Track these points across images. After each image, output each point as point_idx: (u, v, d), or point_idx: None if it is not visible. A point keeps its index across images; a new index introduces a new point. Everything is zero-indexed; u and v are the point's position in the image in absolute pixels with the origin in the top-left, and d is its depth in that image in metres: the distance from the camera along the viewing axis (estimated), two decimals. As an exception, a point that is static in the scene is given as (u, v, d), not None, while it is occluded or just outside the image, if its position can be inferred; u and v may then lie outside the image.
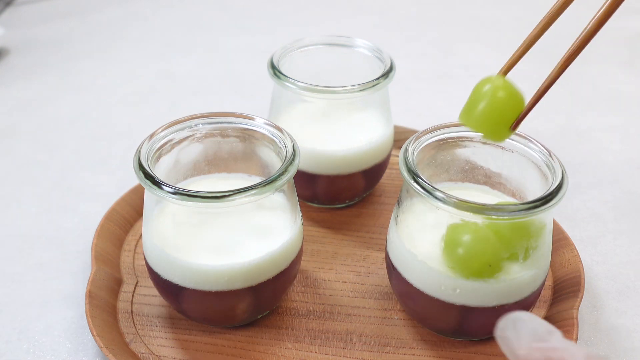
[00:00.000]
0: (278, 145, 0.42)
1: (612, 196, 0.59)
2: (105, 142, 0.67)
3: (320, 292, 0.46)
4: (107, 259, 0.47)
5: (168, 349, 0.41)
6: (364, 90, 0.48)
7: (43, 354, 0.43)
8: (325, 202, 0.54)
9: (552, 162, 0.39)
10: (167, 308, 0.45)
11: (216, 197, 0.36)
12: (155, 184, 0.37)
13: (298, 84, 0.48)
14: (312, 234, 0.52)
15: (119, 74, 0.82)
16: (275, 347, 0.42)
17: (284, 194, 0.42)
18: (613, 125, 0.70)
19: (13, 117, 0.72)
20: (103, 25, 0.96)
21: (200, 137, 0.44)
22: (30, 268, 0.50)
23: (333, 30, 0.93)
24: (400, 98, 0.74)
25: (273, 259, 0.40)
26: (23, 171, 0.62)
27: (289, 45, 0.53)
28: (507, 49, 0.88)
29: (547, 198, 0.36)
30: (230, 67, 0.84)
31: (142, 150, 0.40)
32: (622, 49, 0.61)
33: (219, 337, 0.42)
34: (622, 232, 0.54)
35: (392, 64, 0.51)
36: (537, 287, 0.39)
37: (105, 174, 0.62)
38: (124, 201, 0.52)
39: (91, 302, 0.42)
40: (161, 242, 0.40)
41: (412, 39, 0.93)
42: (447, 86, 0.80)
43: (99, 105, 0.74)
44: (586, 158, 0.64)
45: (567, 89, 0.76)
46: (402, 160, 0.39)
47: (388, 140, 0.53)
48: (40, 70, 0.82)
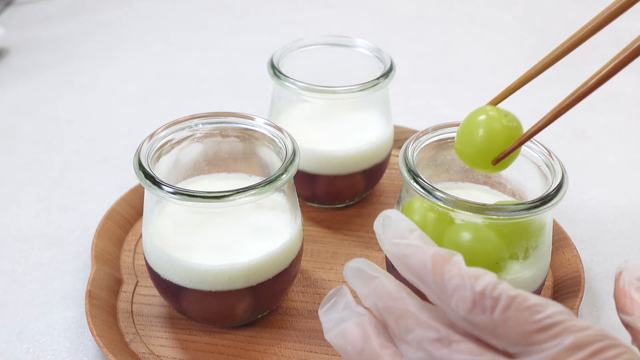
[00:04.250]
0: (278, 145, 0.42)
1: (612, 196, 0.59)
2: (105, 142, 0.67)
3: (320, 292, 0.46)
4: (107, 259, 0.47)
5: (168, 349, 0.41)
6: (364, 90, 0.48)
7: (43, 354, 0.43)
8: (325, 202, 0.54)
9: (552, 162, 0.39)
10: (167, 308, 0.45)
11: (216, 197, 0.36)
12: (155, 184, 0.37)
13: (298, 84, 0.48)
14: (312, 234, 0.52)
15: (119, 74, 0.82)
16: (275, 347, 0.42)
17: (284, 194, 0.42)
18: (613, 125, 0.70)
19: (13, 117, 0.72)
20: (103, 25, 0.96)
21: (200, 137, 0.44)
22: (30, 268, 0.50)
23: (333, 30, 0.93)
24: (400, 98, 0.74)
25: (273, 259, 0.40)
26: (23, 171, 0.62)
27: (289, 45, 0.53)
28: (507, 49, 0.89)
29: (547, 198, 0.36)
30: (230, 67, 0.84)
31: (142, 150, 0.40)
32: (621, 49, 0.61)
33: (219, 337, 0.42)
34: (622, 232, 0.54)
35: (392, 64, 0.51)
36: (537, 286, 0.39)
37: (105, 174, 0.62)
38: (124, 201, 0.52)
39: (91, 302, 0.42)
40: (161, 242, 0.40)
41: (412, 39, 0.93)
42: (447, 86, 0.80)
43: (99, 105, 0.74)
44: (586, 158, 0.64)
45: (567, 89, 0.76)
46: (402, 160, 0.39)
47: (388, 140, 0.53)
48: (40, 70, 0.82)
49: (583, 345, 0.24)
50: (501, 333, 0.25)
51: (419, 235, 0.28)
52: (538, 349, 0.25)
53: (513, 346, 0.26)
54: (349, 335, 0.29)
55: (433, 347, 0.27)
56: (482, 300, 0.25)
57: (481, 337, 0.26)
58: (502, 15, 1.00)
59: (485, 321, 0.26)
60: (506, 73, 0.83)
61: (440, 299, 0.27)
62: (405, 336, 0.28)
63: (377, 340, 0.28)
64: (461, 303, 0.26)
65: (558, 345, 0.24)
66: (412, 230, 0.29)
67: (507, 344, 0.26)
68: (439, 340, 0.27)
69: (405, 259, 0.28)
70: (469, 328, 0.26)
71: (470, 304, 0.26)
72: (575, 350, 0.24)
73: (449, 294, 0.26)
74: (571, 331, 0.25)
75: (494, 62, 0.86)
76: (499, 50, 0.89)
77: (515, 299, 0.25)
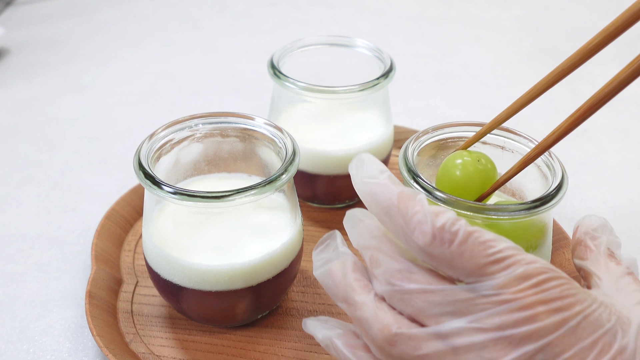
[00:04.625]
0: (278, 145, 0.42)
1: (612, 196, 0.59)
2: (105, 142, 0.67)
3: (320, 292, 0.46)
4: (107, 259, 0.47)
5: (168, 349, 0.41)
6: (364, 90, 0.48)
7: (43, 354, 0.43)
8: (325, 202, 0.54)
9: (552, 162, 0.39)
10: (167, 308, 0.45)
11: (216, 197, 0.36)
12: (155, 184, 0.37)
13: (298, 84, 0.48)
14: (312, 234, 0.52)
15: (119, 74, 0.82)
16: (275, 347, 0.42)
17: (284, 194, 0.42)
18: (613, 125, 0.70)
19: (13, 117, 0.72)
20: (103, 25, 0.96)
21: (200, 137, 0.44)
22: (30, 268, 0.50)
23: (333, 30, 0.93)
24: (400, 98, 0.74)
25: (273, 259, 0.40)
26: (23, 171, 0.62)
27: (289, 45, 0.53)
28: (507, 49, 0.89)
29: (547, 198, 0.36)
30: (230, 67, 0.84)
31: (142, 150, 0.40)
32: (622, 49, 0.61)
33: (219, 337, 0.42)
34: (622, 232, 0.54)
35: (392, 64, 0.51)
36: (537, 287, 0.39)
37: (105, 174, 0.62)
38: (124, 201, 0.52)
39: (91, 302, 0.42)
40: (161, 242, 0.40)
41: (412, 39, 0.93)
42: (447, 86, 0.80)
43: (99, 105, 0.74)
44: (586, 158, 0.64)
45: (567, 89, 0.76)
46: (402, 160, 0.39)
47: (388, 140, 0.53)
48: (40, 70, 0.82)
49: (530, 275, 0.27)
50: (457, 265, 0.28)
51: (387, 176, 0.31)
52: (489, 279, 0.27)
53: (467, 277, 0.28)
54: (332, 272, 0.32)
55: (395, 279, 0.29)
56: (442, 234, 0.28)
57: (438, 269, 0.29)
58: (502, 15, 1.00)
59: (443, 253, 0.28)
60: (506, 73, 0.83)
61: (403, 233, 0.29)
62: (375, 270, 0.30)
63: (352, 275, 0.31)
64: (422, 236, 0.28)
65: (508, 275, 0.27)
66: (382, 172, 0.31)
67: (462, 275, 0.28)
68: (400, 271, 0.29)
69: (374, 196, 0.30)
70: (427, 260, 0.29)
71: (430, 237, 0.28)
72: (523, 280, 0.27)
73: (412, 228, 0.28)
74: (521, 264, 0.27)
75: (494, 62, 0.86)
76: (499, 50, 0.89)
77: (472, 234, 0.28)
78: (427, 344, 0.28)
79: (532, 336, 0.26)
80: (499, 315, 0.27)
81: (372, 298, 0.30)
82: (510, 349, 0.27)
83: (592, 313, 0.27)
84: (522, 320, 0.27)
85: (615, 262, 0.33)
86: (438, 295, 0.28)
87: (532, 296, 0.27)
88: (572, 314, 0.27)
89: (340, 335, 0.32)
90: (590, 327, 0.27)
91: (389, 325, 0.29)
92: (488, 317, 0.27)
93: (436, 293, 0.28)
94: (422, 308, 0.29)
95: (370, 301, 0.30)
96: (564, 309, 0.27)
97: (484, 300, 0.27)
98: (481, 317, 0.27)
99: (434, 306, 0.28)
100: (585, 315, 0.27)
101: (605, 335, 0.27)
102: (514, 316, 0.27)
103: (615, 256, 0.34)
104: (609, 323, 0.27)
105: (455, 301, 0.28)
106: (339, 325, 0.33)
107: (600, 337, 0.27)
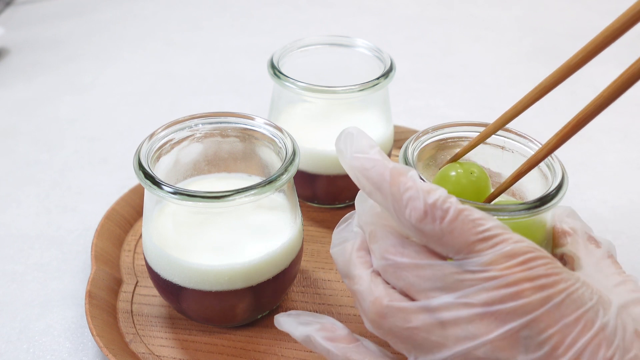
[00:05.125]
0: (278, 145, 0.42)
1: (612, 196, 0.59)
2: (105, 142, 0.67)
3: (320, 292, 0.46)
4: (107, 259, 0.47)
5: (168, 349, 0.41)
6: (364, 90, 0.48)
7: (43, 354, 0.43)
8: (325, 202, 0.54)
9: (552, 162, 0.39)
10: (167, 308, 0.45)
11: (216, 197, 0.36)
12: (155, 184, 0.37)
13: (298, 84, 0.48)
14: (312, 234, 0.52)
15: (119, 74, 0.82)
16: (275, 347, 0.42)
17: (284, 194, 0.42)
18: (613, 125, 0.70)
19: (13, 117, 0.72)
20: (103, 25, 0.96)
21: (200, 137, 0.44)
22: (30, 268, 0.50)
23: (333, 30, 0.93)
24: (400, 98, 0.74)
25: (273, 259, 0.40)
26: (23, 171, 0.62)
27: (289, 45, 0.53)
28: (507, 49, 0.89)
29: (547, 198, 0.36)
30: (230, 67, 0.84)
31: (142, 150, 0.40)
32: (622, 49, 0.61)
33: (219, 337, 0.42)
34: (622, 232, 0.54)
35: (392, 64, 0.51)
36: (537, 287, 0.39)
37: (105, 174, 0.62)
38: (124, 201, 0.52)
39: (91, 302, 0.42)
40: (161, 242, 0.40)
41: (412, 39, 0.93)
42: (447, 86, 0.80)
43: (99, 105, 0.75)
44: (586, 158, 0.64)
45: (567, 88, 0.76)
46: (402, 160, 0.39)
47: (388, 140, 0.53)
48: (40, 70, 0.82)
49: (517, 253, 0.28)
50: (447, 241, 0.28)
51: (378, 151, 0.31)
52: (477, 256, 0.28)
53: (456, 253, 0.28)
54: (344, 250, 0.33)
55: (389, 253, 0.30)
56: (433, 211, 0.28)
57: (428, 245, 0.29)
58: (502, 15, 1.00)
59: (433, 230, 0.28)
60: (506, 73, 0.83)
61: (394, 209, 0.29)
62: (372, 245, 0.31)
63: (357, 252, 0.33)
64: (414, 212, 0.29)
65: (495, 252, 0.28)
66: (372, 146, 0.31)
67: (451, 252, 0.29)
68: (394, 245, 0.30)
69: (365, 172, 0.30)
70: (418, 236, 0.29)
71: (422, 213, 0.28)
72: (510, 258, 0.28)
73: (404, 204, 0.29)
74: (508, 242, 0.28)
75: (494, 62, 0.86)
76: (498, 50, 0.89)
77: (462, 212, 0.28)
78: (416, 317, 0.29)
79: (517, 312, 0.27)
80: (486, 292, 0.28)
81: (368, 272, 0.31)
82: (497, 324, 0.27)
83: (576, 291, 0.28)
84: (508, 296, 0.27)
85: (594, 244, 0.34)
86: (428, 270, 0.29)
87: (518, 273, 0.27)
88: (557, 291, 0.27)
89: (318, 330, 0.33)
90: (573, 305, 0.28)
91: (381, 298, 0.30)
92: (475, 293, 0.28)
93: (426, 268, 0.29)
94: (412, 282, 0.29)
95: (366, 275, 0.31)
96: (548, 286, 0.27)
97: (472, 276, 0.28)
98: (469, 293, 0.28)
99: (424, 281, 0.29)
100: (569, 293, 0.28)
101: (587, 312, 0.28)
102: (501, 292, 0.27)
103: (594, 239, 0.34)
104: (591, 301, 0.28)
105: (444, 276, 0.29)
106: (314, 318, 0.34)
107: (583, 314, 0.28)
